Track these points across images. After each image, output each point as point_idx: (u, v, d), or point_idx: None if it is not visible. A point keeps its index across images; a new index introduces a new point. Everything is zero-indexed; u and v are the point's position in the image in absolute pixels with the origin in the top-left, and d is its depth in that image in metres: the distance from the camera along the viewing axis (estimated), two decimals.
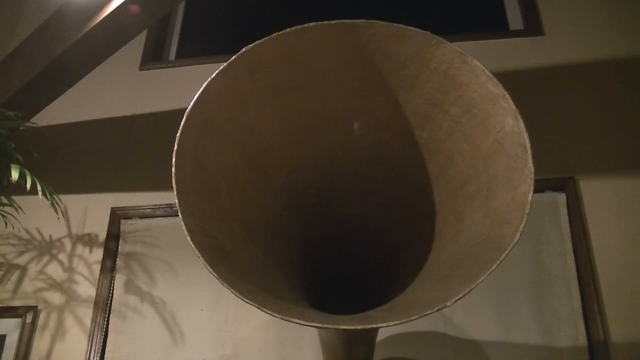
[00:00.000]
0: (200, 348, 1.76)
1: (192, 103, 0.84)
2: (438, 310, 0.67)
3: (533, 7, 2.21)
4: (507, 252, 0.70)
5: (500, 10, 2.38)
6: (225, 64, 0.87)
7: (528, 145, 0.77)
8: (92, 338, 1.81)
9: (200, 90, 0.85)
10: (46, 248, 2.02)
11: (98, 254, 1.98)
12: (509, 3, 2.39)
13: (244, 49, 0.87)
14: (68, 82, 2.04)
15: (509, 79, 0.89)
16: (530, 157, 0.77)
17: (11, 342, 1.84)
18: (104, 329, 1.83)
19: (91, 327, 1.83)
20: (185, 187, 0.81)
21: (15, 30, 2.49)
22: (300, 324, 0.68)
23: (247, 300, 0.69)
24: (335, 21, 0.87)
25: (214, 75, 0.86)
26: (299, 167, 1.05)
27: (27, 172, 1.56)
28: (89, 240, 2.02)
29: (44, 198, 1.60)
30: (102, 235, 2.01)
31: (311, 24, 0.87)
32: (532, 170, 0.76)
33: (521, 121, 0.79)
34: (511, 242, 0.71)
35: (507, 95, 0.81)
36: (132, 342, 1.81)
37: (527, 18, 2.23)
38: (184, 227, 0.75)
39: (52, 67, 1.92)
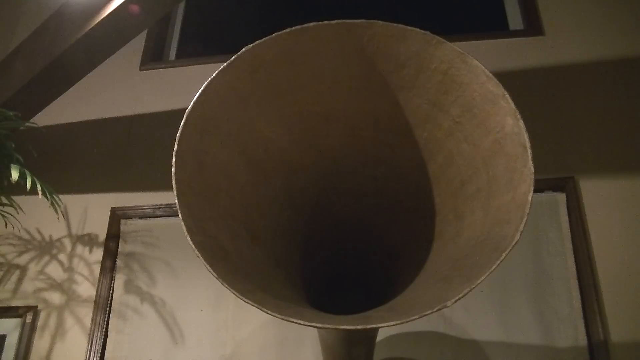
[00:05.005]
0: (200, 348, 1.76)
1: (192, 103, 0.84)
2: (438, 310, 0.67)
3: (533, 7, 2.21)
4: (507, 252, 0.70)
5: (500, 10, 2.39)
6: (225, 64, 0.87)
7: (528, 145, 0.77)
8: (92, 338, 1.81)
9: (200, 90, 0.85)
10: (46, 248, 2.02)
11: (98, 254, 1.98)
12: (509, 3, 2.39)
13: (244, 49, 0.87)
14: (68, 82, 2.04)
15: (509, 79, 0.89)
16: (530, 157, 0.77)
17: (11, 342, 1.84)
18: (104, 329, 1.83)
19: (91, 327, 1.83)
20: (185, 187, 0.81)
21: (15, 30, 2.49)
22: (300, 324, 0.68)
23: (247, 300, 0.69)
24: (335, 21, 0.87)
25: (214, 75, 0.86)
26: (299, 167, 1.05)
27: (27, 172, 1.56)
28: (89, 240, 2.02)
29: (44, 198, 1.60)
30: (102, 235, 2.01)
31: (311, 24, 0.87)
32: (532, 170, 0.76)
33: (521, 121, 0.79)
34: (511, 242, 0.71)
35: (507, 95, 0.81)
36: (132, 342, 1.81)
37: (527, 18, 2.23)
38: (184, 227, 0.75)
39: (52, 67, 1.92)
